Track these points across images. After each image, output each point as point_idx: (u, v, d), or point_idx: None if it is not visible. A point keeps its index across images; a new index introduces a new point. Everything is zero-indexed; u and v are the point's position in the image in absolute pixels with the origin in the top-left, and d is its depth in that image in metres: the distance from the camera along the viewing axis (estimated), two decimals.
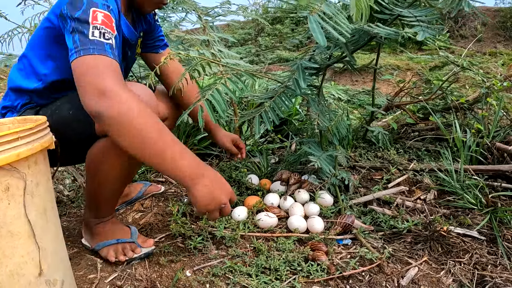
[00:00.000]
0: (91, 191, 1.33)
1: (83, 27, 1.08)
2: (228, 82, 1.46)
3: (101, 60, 1.05)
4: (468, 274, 1.25)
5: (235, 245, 1.40)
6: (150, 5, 1.41)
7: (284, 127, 2.50)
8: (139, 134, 1.01)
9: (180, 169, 1.07)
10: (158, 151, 1.04)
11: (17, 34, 1.99)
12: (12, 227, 0.85)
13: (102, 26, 1.10)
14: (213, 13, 1.99)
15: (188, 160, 1.09)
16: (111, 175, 1.27)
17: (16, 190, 0.85)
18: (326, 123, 1.54)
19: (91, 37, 1.07)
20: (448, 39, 6.83)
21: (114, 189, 1.34)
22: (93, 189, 1.32)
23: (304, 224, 1.46)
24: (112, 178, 1.28)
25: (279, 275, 1.22)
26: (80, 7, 1.11)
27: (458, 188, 1.64)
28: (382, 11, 1.44)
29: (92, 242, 1.40)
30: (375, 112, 2.23)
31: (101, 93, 1.00)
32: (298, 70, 1.38)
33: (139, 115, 1.02)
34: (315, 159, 1.55)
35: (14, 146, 0.82)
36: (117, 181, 1.31)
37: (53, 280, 0.96)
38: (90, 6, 1.11)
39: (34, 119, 1.03)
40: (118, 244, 1.37)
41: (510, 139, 1.96)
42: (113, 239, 1.37)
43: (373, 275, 1.24)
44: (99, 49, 1.06)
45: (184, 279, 1.22)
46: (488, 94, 2.27)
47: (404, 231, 1.44)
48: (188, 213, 1.60)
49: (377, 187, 1.74)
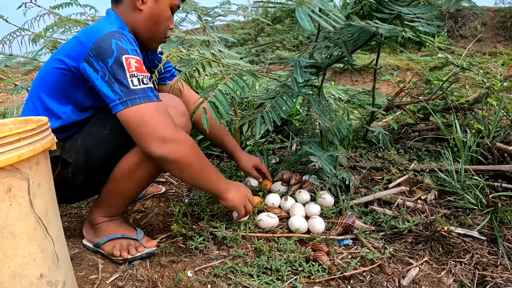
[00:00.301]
0: (111, 192, 1.38)
1: (121, 77, 1.17)
2: (229, 82, 1.46)
3: (149, 108, 1.19)
4: (469, 274, 1.25)
5: (236, 245, 1.40)
6: (156, 43, 1.45)
7: (285, 127, 2.50)
8: (195, 169, 1.27)
9: (218, 187, 1.37)
10: (206, 178, 1.33)
11: (18, 37, 1.99)
12: (14, 228, 0.85)
13: (137, 72, 1.19)
14: (213, 13, 1.99)
15: (221, 178, 1.39)
16: (137, 182, 1.37)
17: (18, 191, 0.85)
18: (327, 123, 1.54)
19: (133, 87, 1.18)
20: (448, 39, 6.83)
21: (134, 194, 1.42)
22: (115, 190, 1.37)
23: (305, 224, 1.46)
24: (137, 184, 1.37)
25: (280, 276, 1.22)
26: (111, 55, 1.17)
27: (458, 188, 1.65)
28: (382, 10, 1.44)
29: (96, 237, 1.41)
30: (375, 112, 2.23)
31: (161, 140, 1.19)
32: (296, 66, 1.38)
33: (194, 155, 1.26)
34: (316, 159, 1.55)
35: (16, 147, 0.82)
36: (140, 187, 1.40)
37: (54, 281, 0.96)
38: (121, 53, 1.18)
39: (36, 120, 1.03)
40: (124, 239, 1.38)
41: (510, 139, 1.96)
42: (119, 234, 1.40)
43: (374, 275, 1.24)
44: (143, 96, 1.18)
45: (186, 280, 1.22)
46: (488, 95, 2.27)
47: (405, 231, 1.45)
48: (189, 214, 1.60)
49: (378, 187, 1.74)
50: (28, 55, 2.15)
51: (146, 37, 1.40)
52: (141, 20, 1.36)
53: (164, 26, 1.40)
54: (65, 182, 1.31)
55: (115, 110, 1.18)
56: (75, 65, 1.24)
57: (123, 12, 1.36)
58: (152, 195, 1.85)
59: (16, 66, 2.20)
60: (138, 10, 1.35)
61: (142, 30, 1.38)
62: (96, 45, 1.18)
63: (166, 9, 1.38)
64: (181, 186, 1.98)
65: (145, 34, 1.39)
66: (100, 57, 1.17)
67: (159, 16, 1.37)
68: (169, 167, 1.25)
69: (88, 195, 1.48)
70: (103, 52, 1.17)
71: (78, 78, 1.26)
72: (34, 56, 2.17)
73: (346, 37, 1.52)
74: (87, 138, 1.31)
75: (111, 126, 1.29)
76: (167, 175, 2.11)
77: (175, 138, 1.20)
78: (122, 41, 1.20)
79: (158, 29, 1.40)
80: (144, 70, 1.22)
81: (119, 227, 1.43)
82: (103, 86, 1.18)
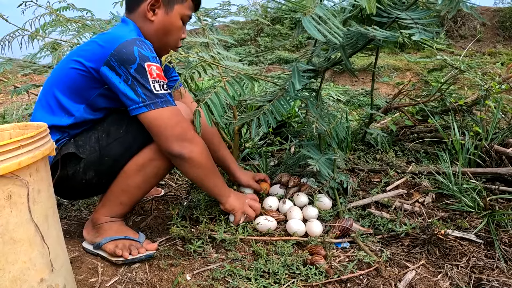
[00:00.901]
0: (119, 187, 1.41)
1: (144, 81, 1.27)
2: (227, 85, 1.47)
3: (170, 111, 1.31)
4: (465, 278, 1.26)
5: (234, 248, 1.41)
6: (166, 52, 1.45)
7: (283, 130, 2.51)
8: (204, 170, 1.40)
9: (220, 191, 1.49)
10: (211, 180, 1.45)
11: (17, 37, 2.00)
12: (15, 234, 0.86)
13: (158, 79, 1.29)
14: (213, 14, 1.99)
15: (224, 184, 1.51)
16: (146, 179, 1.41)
17: (18, 197, 0.86)
18: (325, 127, 1.55)
19: (156, 92, 1.28)
20: (448, 39, 6.83)
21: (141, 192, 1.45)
22: (123, 185, 1.41)
23: (302, 227, 1.47)
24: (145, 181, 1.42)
25: (277, 279, 1.23)
26: (133, 61, 1.26)
27: (456, 191, 1.65)
28: (380, 14, 1.45)
29: (98, 237, 1.42)
30: (374, 115, 2.24)
31: (180, 140, 1.32)
32: (294, 72, 1.39)
33: (206, 157, 1.39)
34: (314, 162, 1.56)
35: (16, 155, 0.83)
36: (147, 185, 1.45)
37: (55, 285, 0.97)
38: (143, 60, 1.27)
39: (35, 126, 1.04)
40: (126, 240, 1.40)
41: (508, 141, 1.96)
42: (121, 235, 1.42)
43: (370, 278, 1.25)
44: (165, 101, 1.30)
45: (184, 283, 1.23)
46: (486, 96, 2.28)
47: (402, 234, 1.46)
48: (188, 217, 1.61)
49: (376, 190, 1.75)
50: (27, 58, 2.16)
51: (157, 46, 1.43)
52: (153, 30, 1.42)
53: (175, 36, 1.46)
54: (75, 177, 1.36)
55: (136, 112, 1.28)
56: (94, 67, 1.30)
57: (136, 20, 1.43)
58: (152, 197, 1.86)
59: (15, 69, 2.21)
60: (149, 20, 1.41)
61: (153, 39, 1.42)
62: (118, 51, 1.26)
63: (177, 20, 1.44)
64: (180, 189, 1.99)
65: (156, 43, 1.42)
66: (123, 62, 1.25)
67: (170, 27, 1.43)
68: (183, 164, 1.36)
69: (95, 193, 1.50)
70: (125, 58, 1.25)
71: (96, 80, 1.33)
72: (32, 59, 2.18)
73: (344, 41, 1.53)
74: (102, 136, 1.37)
75: (127, 127, 1.37)
76: (166, 178, 2.12)
77: (192, 139, 1.34)
78: (144, 49, 1.28)
79: (168, 39, 1.45)
80: (163, 77, 1.31)
81: (121, 228, 1.45)
82: (126, 89, 1.27)
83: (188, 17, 1.48)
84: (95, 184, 1.41)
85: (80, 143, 1.37)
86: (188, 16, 1.47)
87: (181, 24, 1.46)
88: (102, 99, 1.37)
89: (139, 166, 1.38)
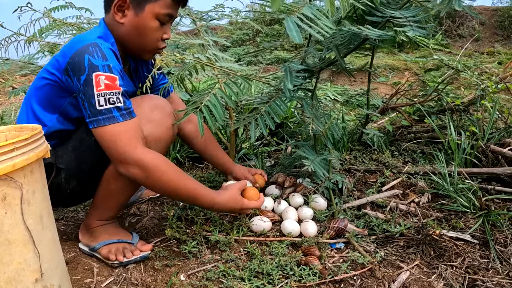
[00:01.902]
0: (104, 196, 1.40)
1: (89, 96, 1.19)
2: (223, 86, 1.47)
3: (112, 129, 1.21)
4: (460, 278, 1.26)
5: (229, 249, 1.41)
6: (147, 54, 1.42)
7: (280, 130, 2.51)
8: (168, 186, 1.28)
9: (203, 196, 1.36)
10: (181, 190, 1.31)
11: (14, 42, 2.01)
12: (10, 235, 0.87)
13: (106, 91, 1.20)
14: (206, 17, 2.00)
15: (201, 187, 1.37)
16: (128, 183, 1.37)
17: (13, 199, 0.87)
18: (320, 127, 1.55)
19: (98, 107, 1.19)
20: (446, 39, 6.84)
21: (127, 194, 1.43)
22: (107, 192, 1.39)
23: (297, 228, 1.48)
24: (128, 185, 1.38)
25: (271, 279, 1.24)
26: (83, 71, 1.19)
27: (451, 191, 1.66)
28: (374, 14, 1.46)
29: (92, 241, 1.43)
30: (370, 115, 2.25)
31: (122, 162, 1.22)
32: (286, 72, 1.39)
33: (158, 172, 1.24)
34: (309, 162, 1.56)
35: (10, 157, 0.84)
36: (132, 187, 1.42)
37: (50, 285, 0.98)
38: (92, 70, 1.19)
39: (30, 127, 1.05)
40: (119, 243, 1.40)
41: (505, 141, 1.97)
42: (114, 239, 1.41)
43: (364, 279, 1.26)
44: (108, 118, 1.20)
45: (178, 283, 1.24)
46: (483, 96, 2.28)
47: (397, 234, 1.46)
48: (183, 217, 1.61)
49: (371, 190, 1.75)
50: (25, 59, 2.17)
51: (133, 48, 1.39)
52: (125, 32, 1.35)
53: (151, 38, 1.36)
54: (60, 187, 1.34)
55: (89, 126, 1.23)
56: (59, 76, 1.27)
57: (110, 21, 1.36)
58: (148, 198, 1.86)
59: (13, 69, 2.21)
60: (119, 23, 1.34)
61: (128, 42, 1.37)
62: (72, 59, 1.21)
63: (150, 20, 1.32)
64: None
65: (131, 45, 1.38)
66: (75, 72, 1.21)
67: (142, 29, 1.33)
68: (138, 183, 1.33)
69: (84, 199, 1.50)
70: (76, 68, 1.20)
71: (63, 89, 1.29)
72: (30, 59, 2.18)
73: (338, 41, 1.54)
74: (76, 144, 1.34)
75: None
76: None
77: (135, 159, 1.21)
78: (95, 56, 1.20)
79: (144, 41, 1.37)
80: (115, 86, 1.21)
81: (115, 231, 1.45)
82: (79, 102, 1.23)
83: (167, 15, 1.34)
84: (81, 192, 1.41)
85: (60, 153, 1.34)
86: (167, 15, 1.34)
87: (157, 24, 1.34)
88: (72, 108, 1.32)
89: (114, 178, 1.35)
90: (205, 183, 1.92)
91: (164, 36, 1.38)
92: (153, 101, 1.38)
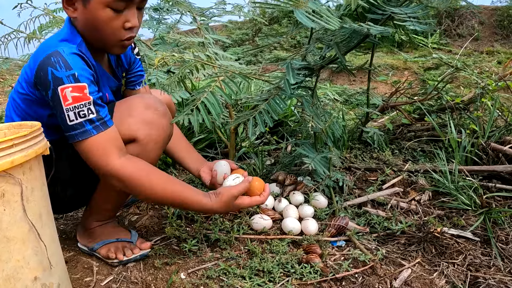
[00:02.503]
0: (101, 199, 1.39)
1: (60, 112, 1.13)
2: (222, 84, 1.47)
3: (87, 143, 1.15)
4: (461, 276, 1.26)
5: (229, 247, 1.41)
6: (113, 47, 1.28)
7: (280, 129, 2.51)
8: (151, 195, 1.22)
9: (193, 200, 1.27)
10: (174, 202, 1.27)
11: (13, 39, 2.00)
12: (8, 233, 0.87)
13: (75, 105, 1.12)
14: (208, 14, 1.99)
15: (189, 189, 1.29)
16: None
17: (11, 196, 0.86)
18: (320, 125, 1.55)
19: (70, 123, 1.13)
20: (445, 38, 6.84)
21: (123, 198, 1.44)
22: (102, 197, 1.38)
23: (298, 226, 1.47)
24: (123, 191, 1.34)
25: (272, 277, 1.23)
26: (49, 86, 1.13)
27: (452, 189, 1.65)
28: (375, 12, 1.45)
29: (91, 242, 1.42)
30: (370, 113, 2.24)
31: (105, 173, 1.18)
32: (288, 69, 1.39)
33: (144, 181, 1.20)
34: (309, 160, 1.56)
35: (9, 153, 0.84)
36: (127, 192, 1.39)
37: (49, 283, 0.97)
38: (56, 84, 1.12)
39: (29, 125, 1.04)
40: (118, 242, 1.40)
41: (505, 139, 1.96)
42: (113, 238, 1.41)
43: (366, 277, 1.25)
44: (81, 132, 1.14)
45: (179, 282, 1.23)
46: (483, 94, 2.28)
47: (398, 232, 1.46)
48: (183, 216, 1.61)
49: (372, 188, 1.75)
50: (24, 58, 2.16)
51: (97, 43, 1.27)
52: (81, 26, 1.24)
53: (107, 29, 1.21)
54: (57, 196, 1.30)
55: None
56: (32, 91, 1.23)
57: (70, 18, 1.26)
58: None
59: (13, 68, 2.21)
60: (74, 18, 1.23)
61: (89, 38, 1.26)
62: (37, 73, 1.15)
63: (100, 10, 1.17)
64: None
65: (92, 40, 1.26)
66: (42, 87, 1.15)
67: (94, 20, 1.19)
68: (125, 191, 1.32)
69: (84, 203, 1.48)
70: (42, 83, 1.14)
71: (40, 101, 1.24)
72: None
73: (339, 39, 1.53)
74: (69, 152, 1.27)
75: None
76: None
77: (112, 173, 1.17)
78: (57, 68, 1.12)
79: (101, 34, 1.22)
80: (85, 97, 1.14)
81: (113, 230, 1.44)
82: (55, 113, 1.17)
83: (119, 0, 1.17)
84: (79, 197, 1.40)
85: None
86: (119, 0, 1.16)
87: (110, 13, 1.17)
88: (55, 119, 1.20)
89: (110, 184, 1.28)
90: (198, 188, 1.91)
91: (126, 24, 1.21)
92: (145, 101, 1.30)
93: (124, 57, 1.49)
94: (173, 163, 2.23)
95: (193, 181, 1.93)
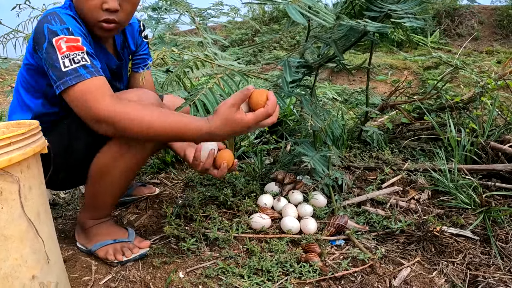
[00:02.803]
0: (93, 193, 1.38)
1: (54, 61, 1.15)
2: (221, 82, 1.47)
3: (81, 87, 1.14)
4: (461, 274, 1.26)
5: (228, 246, 1.40)
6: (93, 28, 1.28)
7: (279, 128, 2.50)
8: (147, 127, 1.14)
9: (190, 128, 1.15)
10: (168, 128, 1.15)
11: (12, 39, 2.00)
12: (6, 231, 0.86)
13: (69, 52, 1.15)
14: (205, 14, 2.00)
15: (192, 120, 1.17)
16: (118, 179, 1.33)
17: (9, 194, 0.86)
18: (319, 124, 1.55)
19: (64, 69, 1.14)
20: (445, 38, 6.84)
21: (117, 191, 1.40)
22: (97, 191, 1.36)
23: (297, 225, 1.47)
24: (118, 181, 1.34)
25: (271, 276, 1.23)
26: (44, 41, 1.16)
27: (451, 188, 1.65)
28: (372, 9, 1.45)
29: (88, 243, 1.41)
30: (370, 112, 2.24)
31: (96, 121, 1.14)
32: (285, 66, 1.39)
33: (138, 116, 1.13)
34: (308, 159, 1.56)
35: (6, 151, 0.84)
36: (122, 184, 1.37)
37: (46, 282, 0.97)
38: (51, 37, 1.15)
39: (27, 123, 1.04)
40: (117, 243, 1.39)
41: (505, 138, 1.96)
42: (111, 239, 1.40)
43: (365, 275, 1.25)
44: (75, 77, 1.14)
45: (177, 281, 1.23)
46: (482, 93, 2.28)
47: (397, 231, 1.45)
48: (182, 215, 1.61)
49: (371, 187, 1.74)
50: (22, 58, 2.16)
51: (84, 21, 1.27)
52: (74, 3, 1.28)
53: (86, 5, 1.23)
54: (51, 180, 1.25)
55: (57, 91, 1.17)
56: (34, 58, 1.26)
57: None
58: (146, 196, 1.85)
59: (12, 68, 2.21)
60: None
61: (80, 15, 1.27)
62: (35, 34, 1.19)
63: None
64: (175, 187, 1.98)
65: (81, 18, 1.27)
66: (38, 45, 1.18)
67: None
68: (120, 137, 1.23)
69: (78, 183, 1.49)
70: (38, 39, 1.17)
71: (39, 71, 1.26)
72: None
73: (337, 36, 1.53)
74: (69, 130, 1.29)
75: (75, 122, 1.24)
76: (161, 177, 2.12)
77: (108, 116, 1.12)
78: (53, 23, 1.16)
79: (83, 11, 1.25)
80: (78, 46, 1.16)
81: (110, 230, 1.43)
82: (48, 71, 1.18)
83: None
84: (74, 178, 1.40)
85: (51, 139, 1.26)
86: None
87: None
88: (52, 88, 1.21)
89: (103, 168, 1.30)
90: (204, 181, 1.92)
91: (104, 5, 1.22)
92: (138, 94, 1.29)
93: (132, 39, 1.52)
94: (172, 163, 2.23)
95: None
